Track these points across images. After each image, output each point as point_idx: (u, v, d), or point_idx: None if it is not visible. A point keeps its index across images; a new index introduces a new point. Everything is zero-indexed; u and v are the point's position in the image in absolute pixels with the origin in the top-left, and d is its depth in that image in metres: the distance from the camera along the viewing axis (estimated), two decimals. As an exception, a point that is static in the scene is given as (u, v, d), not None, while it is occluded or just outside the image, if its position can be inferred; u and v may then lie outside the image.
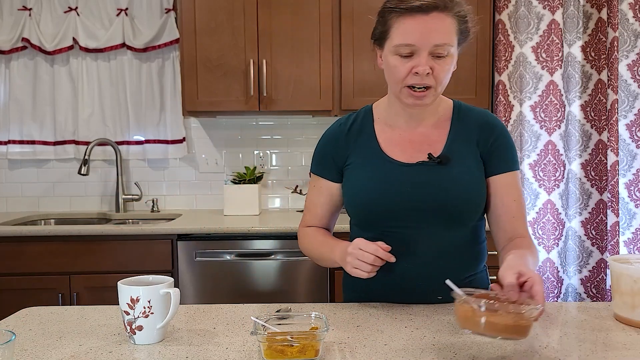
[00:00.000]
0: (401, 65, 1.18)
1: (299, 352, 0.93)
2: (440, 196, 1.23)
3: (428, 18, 1.14)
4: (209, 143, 3.09)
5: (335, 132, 1.36)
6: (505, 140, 1.30)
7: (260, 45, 2.66)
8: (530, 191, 2.92)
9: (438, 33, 1.15)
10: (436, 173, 1.25)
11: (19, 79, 3.00)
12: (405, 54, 1.17)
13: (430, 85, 1.18)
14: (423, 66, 1.15)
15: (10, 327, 1.14)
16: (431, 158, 1.25)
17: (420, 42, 1.15)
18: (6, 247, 2.43)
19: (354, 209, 1.32)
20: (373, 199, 1.26)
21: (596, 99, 2.88)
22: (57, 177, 3.09)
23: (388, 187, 1.25)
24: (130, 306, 1.02)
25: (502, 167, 1.29)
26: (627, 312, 1.11)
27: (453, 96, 1.40)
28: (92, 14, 2.98)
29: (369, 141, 1.31)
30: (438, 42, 1.14)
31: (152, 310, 1.03)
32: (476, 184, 1.26)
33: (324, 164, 1.36)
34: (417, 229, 1.25)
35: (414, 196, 1.24)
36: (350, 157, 1.32)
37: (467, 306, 0.89)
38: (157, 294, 1.03)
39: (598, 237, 2.92)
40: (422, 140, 1.29)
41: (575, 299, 2.97)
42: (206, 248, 2.44)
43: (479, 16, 2.66)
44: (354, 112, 1.38)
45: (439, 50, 1.15)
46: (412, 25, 1.15)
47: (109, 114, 3.04)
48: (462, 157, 1.26)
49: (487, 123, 1.31)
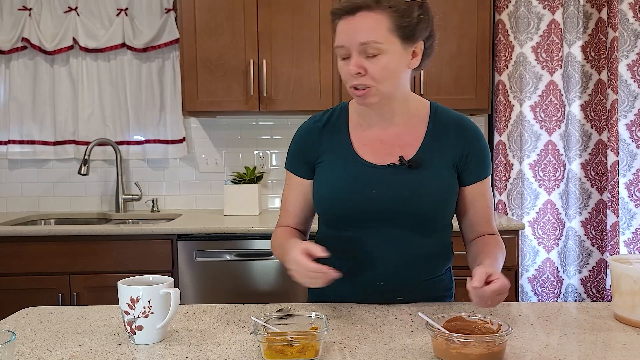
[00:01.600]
0: (343, 66, 1.19)
1: (299, 352, 0.93)
2: (408, 201, 1.23)
3: (354, 18, 1.15)
4: (209, 143, 3.09)
5: (309, 128, 1.35)
6: (480, 148, 1.29)
7: (260, 45, 2.66)
8: (530, 191, 2.92)
9: (362, 32, 1.14)
10: (406, 177, 1.24)
11: (19, 79, 3.00)
12: (342, 56, 1.18)
13: (369, 84, 1.17)
14: (352, 66, 1.16)
15: (10, 327, 1.14)
16: (402, 161, 1.24)
17: (347, 42, 1.16)
18: (6, 247, 2.43)
19: (321, 207, 1.32)
20: (340, 199, 1.26)
21: (596, 99, 2.88)
22: (57, 177, 3.09)
23: (356, 188, 1.24)
24: (130, 306, 1.02)
25: (478, 175, 1.29)
26: (627, 312, 1.11)
27: (453, 96, 1.40)
28: (92, 14, 2.98)
29: (342, 140, 1.30)
30: (362, 40, 1.14)
31: (152, 310, 1.02)
32: (445, 191, 1.26)
33: (297, 161, 1.35)
34: (384, 230, 1.25)
35: (382, 199, 1.23)
36: (322, 154, 1.31)
37: (441, 339, 0.93)
38: (157, 294, 1.03)
39: (598, 237, 2.92)
40: (394, 141, 1.28)
41: (575, 299, 2.97)
42: (206, 248, 2.44)
43: (478, 16, 2.67)
44: (329, 109, 1.37)
45: (367, 49, 1.14)
46: (341, 27, 1.17)
47: (109, 114, 3.03)
48: (434, 162, 1.25)
49: (464, 128, 1.29)
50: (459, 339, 0.91)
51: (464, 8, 2.66)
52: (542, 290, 2.92)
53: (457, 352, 0.91)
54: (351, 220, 1.27)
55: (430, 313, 1.01)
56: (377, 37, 1.14)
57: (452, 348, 0.91)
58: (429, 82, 2.67)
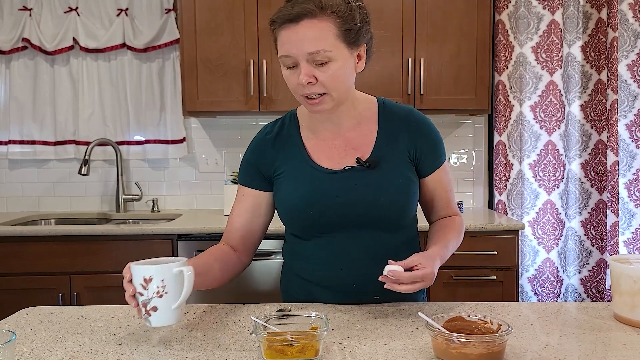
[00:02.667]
0: (290, 76, 1.17)
1: (299, 352, 0.94)
2: (371, 202, 1.22)
3: (299, 27, 1.11)
4: (209, 143, 3.09)
5: (262, 141, 1.32)
6: (433, 137, 1.30)
7: (260, 45, 2.66)
8: (530, 191, 2.92)
9: (309, 41, 1.11)
10: (365, 178, 1.23)
11: (19, 79, 3.00)
12: (289, 65, 1.16)
13: (322, 92, 1.16)
14: (302, 76, 1.13)
15: (10, 327, 1.14)
16: (360, 162, 1.23)
17: (295, 52, 1.12)
18: (6, 247, 2.43)
19: (285, 218, 1.30)
20: (302, 209, 1.25)
21: (596, 99, 2.88)
22: (57, 177, 3.09)
23: (317, 195, 1.24)
24: (144, 286, 0.99)
25: (433, 165, 1.30)
26: (627, 312, 1.11)
27: (453, 96, 1.40)
28: (92, 14, 2.98)
29: (296, 149, 1.28)
30: (310, 50, 1.11)
31: (165, 290, 1.00)
32: (406, 187, 1.26)
33: (251, 175, 1.32)
34: (350, 233, 1.25)
35: (344, 203, 1.23)
36: (278, 166, 1.29)
37: (441, 339, 0.93)
38: (170, 273, 1.00)
39: (598, 237, 2.92)
40: (347, 144, 1.27)
41: (575, 298, 2.97)
42: (206, 248, 2.43)
43: (478, 16, 2.68)
44: (279, 119, 1.35)
45: (316, 58, 1.12)
46: (286, 37, 1.13)
47: (109, 114, 3.04)
48: (391, 159, 1.25)
49: (414, 121, 1.28)
50: (459, 338, 0.91)
51: (464, 8, 2.66)
52: (542, 290, 2.92)
53: (457, 352, 0.91)
54: (317, 227, 1.26)
55: (430, 313, 1.02)
56: (326, 46, 1.12)
57: (452, 348, 0.92)
58: (429, 82, 2.67)
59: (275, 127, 1.33)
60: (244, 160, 1.35)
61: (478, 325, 0.99)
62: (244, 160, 1.35)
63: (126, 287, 1.02)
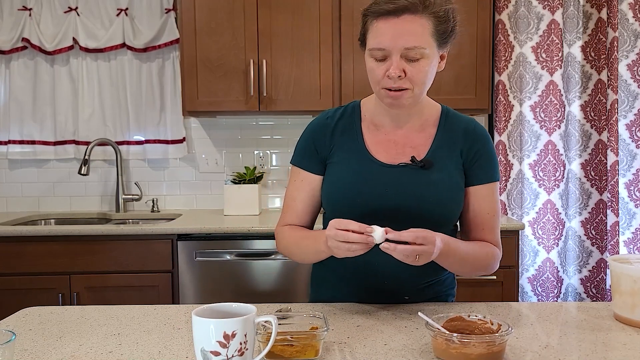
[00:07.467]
0: (377, 68, 1.18)
1: (299, 352, 0.94)
2: (418, 200, 1.23)
3: (399, 21, 1.13)
4: (209, 143, 3.09)
5: (322, 124, 1.34)
6: (488, 151, 1.30)
7: (260, 45, 2.66)
8: (530, 191, 2.92)
9: (408, 36, 1.13)
10: (417, 177, 1.25)
11: (19, 79, 3.00)
12: (378, 57, 1.17)
13: (406, 87, 1.17)
14: (394, 70, 1.15)
15: (10, 327, 1.14)
16: (414, 161, 1.25)
17: (391, 45, 1.14)
18: (6, 247, 2.43)
19: (330, 204, 1.31)
20: (351, 196, 1.26)
21: (596, 99, 2.88)
22: (57, 177, 3.09)
23: (367, 186, 1.25)
24: (224, 344, 0.85)
25: (482, 178, 1.29)
26: (627, 312, 1.11)
27: (453, 96, 1.40)
28: (92, 14, 2.98)
29: (354, 138, 1.30)
30: (408, 45, 1.13)
31: (247, 346, 0.87)
32: (455, 192, 1.27)
33: (308, 156, 1.33)
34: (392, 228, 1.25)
35: (392, 198, 1.24)
36: (334, 151, 1.31)
37: (441, 339, 0.93)
38: (252, 325, 0.88)
39: (598, 237, 2.92)
40: (405, 142, 1.29)
41: (575, 298, 2.97)
42: (206, 248, 2.44)
43: (478, 16, 2.67)
44: (341, 107, 1.37)
45: (410, 53, 1.14)
46: (383, 29, 1.15)
47: (109, 114, 3.04)
48: (444, 163, 1.26)
49: (473, 132, 1.30)
50: (459, 339, 0.91)
51: (464, 8, 2.64)
52: (542, 290, 2.92)
53: (457, 352, 0.91)
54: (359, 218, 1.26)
55: (430, 313, 1.02)
56: (422, 42, 1.14)
57: (452, 348, 0.92)
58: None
59: (337, 113, 1.34)
60: (302, 140, 1.36)
61: (478, 325, 1.00)
62: (301, 140, 1.36)
63: (343, 234, 1.07)
